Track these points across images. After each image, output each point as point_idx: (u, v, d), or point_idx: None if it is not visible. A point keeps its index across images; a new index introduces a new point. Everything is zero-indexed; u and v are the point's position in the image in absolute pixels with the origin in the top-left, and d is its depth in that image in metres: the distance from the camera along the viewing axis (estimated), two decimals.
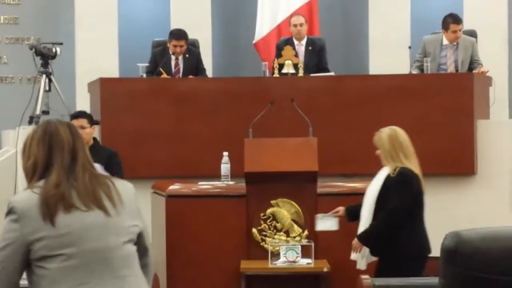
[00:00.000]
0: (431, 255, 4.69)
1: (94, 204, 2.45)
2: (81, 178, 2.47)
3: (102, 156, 5.83)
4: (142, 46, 8.36)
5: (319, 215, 5.22)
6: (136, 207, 2.59)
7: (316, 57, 7.84)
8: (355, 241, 4.80)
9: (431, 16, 8.96)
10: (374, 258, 4.85)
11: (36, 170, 2.47)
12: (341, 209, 5.16)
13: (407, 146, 4.81)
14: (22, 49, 8.58)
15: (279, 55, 7.46)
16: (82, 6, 9.24)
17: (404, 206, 4.70)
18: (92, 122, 5.89)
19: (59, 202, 2.39)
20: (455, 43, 7.61)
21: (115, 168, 5.83)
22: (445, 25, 7.57)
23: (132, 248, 2.53)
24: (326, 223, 5.18)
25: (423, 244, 4.74)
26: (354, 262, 4.92)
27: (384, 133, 4.86)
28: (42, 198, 2.39)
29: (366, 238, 4.78)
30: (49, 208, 2.37)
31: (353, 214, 5.06)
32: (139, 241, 2.57)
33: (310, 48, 7.87)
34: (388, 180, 4.76)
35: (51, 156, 2.47)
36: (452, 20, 7.54)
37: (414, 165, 4.79)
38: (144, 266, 2.60)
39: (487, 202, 6.82)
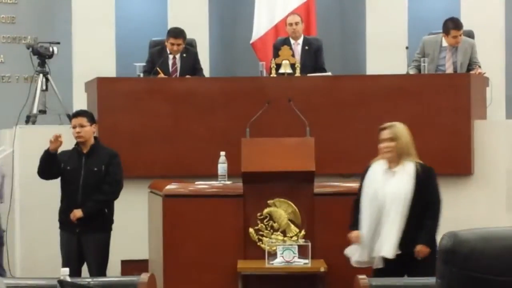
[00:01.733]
0: None
1: None
2: None
3: (103, 156, 5.84)
4: (139, 46, 8.36)
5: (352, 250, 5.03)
6: None
7: (313, 57, 7.83)
8: (422, 248, 4.74)
9: (429, 16, 8.97)
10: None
11: None
12: (356, 234, 4.96)
13: None
14: (19, 49, 8.57)
15: (276, 55, 7.45)
16: (79, 6, 9.22)
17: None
18: (93, 120, 5.90)
19: None
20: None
21: (113, 168, 5.84)
22: (446, 30, 7.54)
23: None
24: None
25: None
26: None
27: (401, 126, 4.90)
28: None
29: (434, 241, 4.68)
30: None
31: (357, 226, 4.98)
32: None
33: (306, 47, 7.87)
34: (419, 176, 4.79)
35: None
36: (453, 25, 7.50)
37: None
38: None
39: (484, 202, 6.83)
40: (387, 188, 4.81)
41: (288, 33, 7.99)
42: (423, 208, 4.78)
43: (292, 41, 7.88)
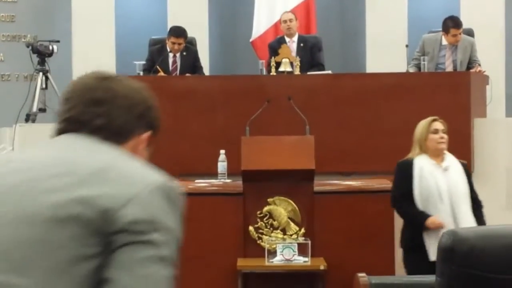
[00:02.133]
0: None
1: None
2: None
3: None
4: (138, 44, 8.36)
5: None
6: None
7: (309, 54, 7.81)
8: None
9: (428, 14, 8.96)
10: None
11: None
12: (433, 219, 4.72)
13: None
14: (19, 47, 8.57)
15: (273, 54, 7.45)
16: (79, 4, 9.23)
17: None
18: None
19: None
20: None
21: None
22: (445, 29, 7.54)
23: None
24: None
25: None
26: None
27: None
28: None
29: None
30: None
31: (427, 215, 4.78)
32: None
33: (301, 45, 7.85)
34: (466, 172, 4.88)
35: None
36: (452, 24, 7.50)
37: None
38: None
39: (484, 200, 6.80)
40: (450, 183, 4.78)
41: (283, 30, 7.99)
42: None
43: (287, 39, 7.86)
